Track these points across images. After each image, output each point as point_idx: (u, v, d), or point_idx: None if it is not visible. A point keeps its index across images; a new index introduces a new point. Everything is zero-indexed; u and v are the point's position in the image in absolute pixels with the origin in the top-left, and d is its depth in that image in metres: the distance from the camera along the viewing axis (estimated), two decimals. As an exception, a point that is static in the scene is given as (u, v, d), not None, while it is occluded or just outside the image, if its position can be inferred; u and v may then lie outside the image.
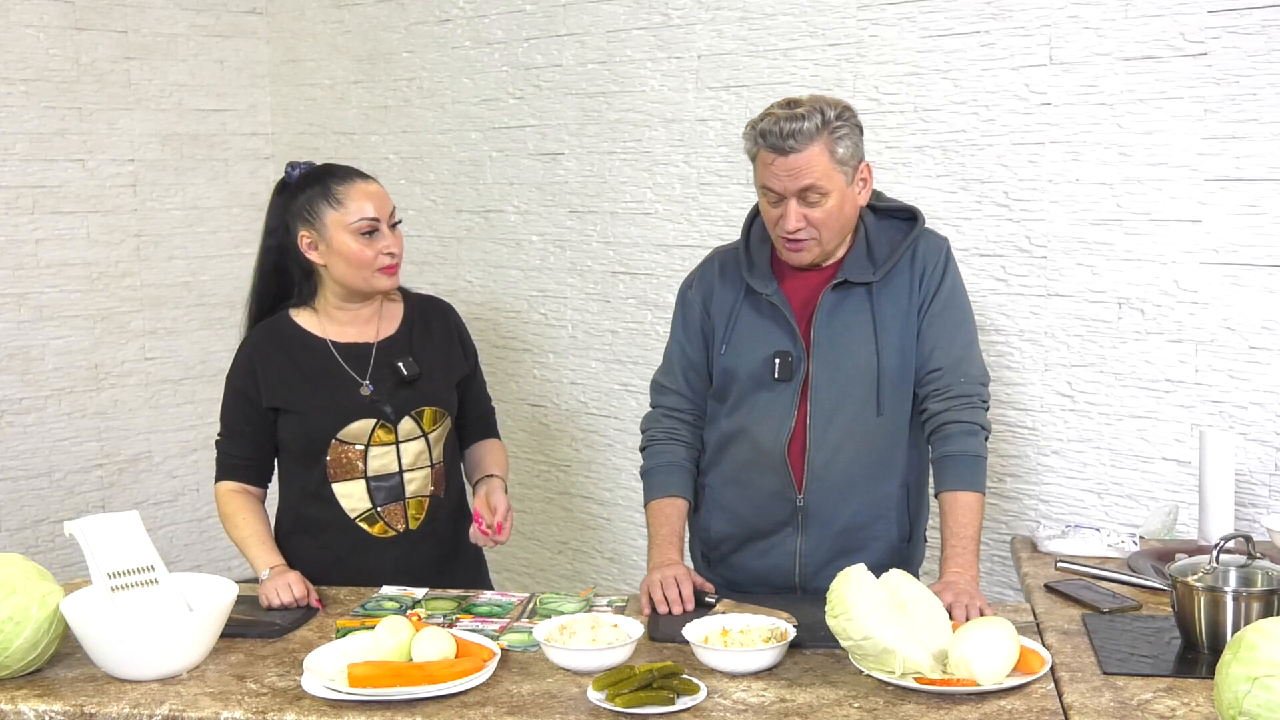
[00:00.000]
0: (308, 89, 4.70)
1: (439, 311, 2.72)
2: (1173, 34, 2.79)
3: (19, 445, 4.32)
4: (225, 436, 2.62)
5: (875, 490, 2.39)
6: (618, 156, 3.82)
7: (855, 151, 2.32)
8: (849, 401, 2.37)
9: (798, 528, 2.39)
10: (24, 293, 4.30)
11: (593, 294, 3.93)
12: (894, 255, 2.39)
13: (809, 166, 2.26)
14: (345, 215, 2.51)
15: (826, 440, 2.37)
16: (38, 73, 4.28)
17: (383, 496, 2.56)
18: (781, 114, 2.28)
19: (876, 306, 2.37)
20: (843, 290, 2.38)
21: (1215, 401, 2.83)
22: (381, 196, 2.56)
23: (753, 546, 2.45)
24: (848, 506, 2.38)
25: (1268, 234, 2.73)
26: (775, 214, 2.33)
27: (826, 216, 2.31)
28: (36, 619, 1.99)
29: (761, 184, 2.33)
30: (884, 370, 2.36)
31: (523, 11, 3.98)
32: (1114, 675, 1.92)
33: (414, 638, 2.01)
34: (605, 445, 3.97)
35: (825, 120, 2.27)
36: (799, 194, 2.28)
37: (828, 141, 2.27)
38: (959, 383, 2.36)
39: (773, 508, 2.41)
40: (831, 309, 2.38)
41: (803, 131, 2.25)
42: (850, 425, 2.37)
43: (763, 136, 2.28)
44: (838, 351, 2.37)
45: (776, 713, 1.84)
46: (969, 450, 2.34)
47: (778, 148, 2.26)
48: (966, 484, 2.33)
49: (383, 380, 2.56)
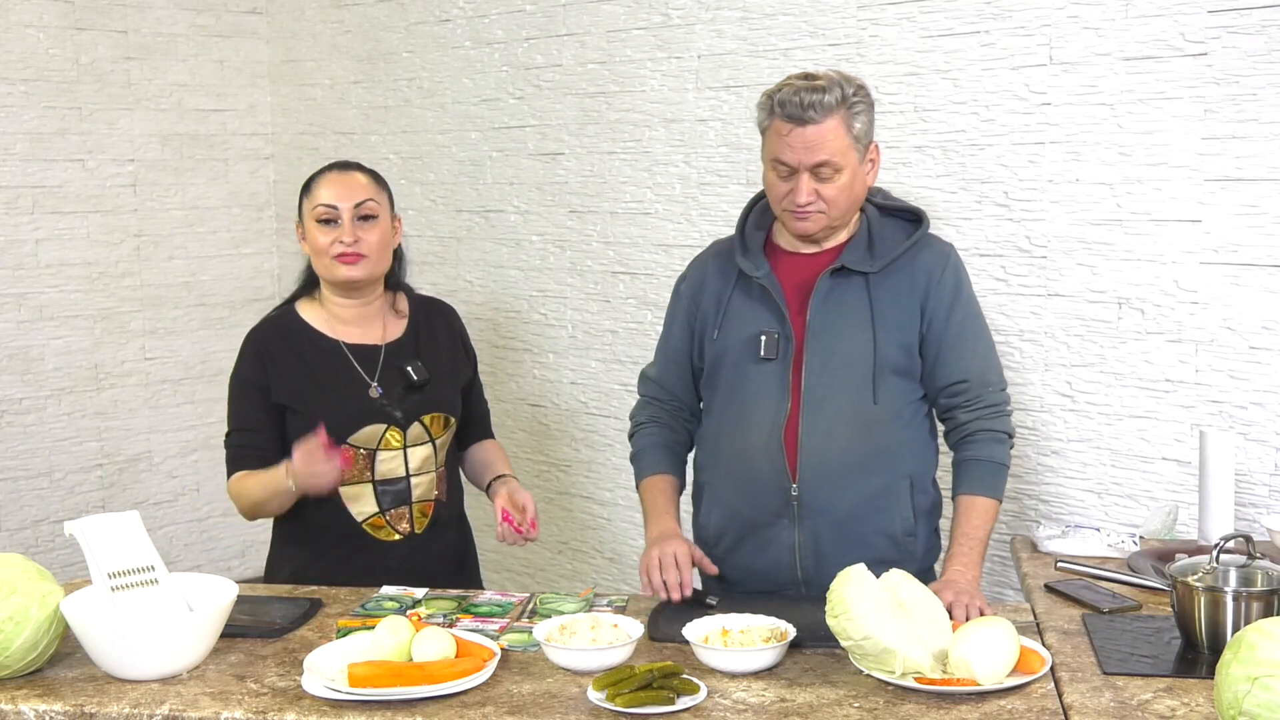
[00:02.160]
0: (308, 89, 4.70)
1: (443, 314, 2.71)
2: (1173, 34, 2.79)
3: (19, 445, 4.33)
4: (236, 430, 2.57)
5: (873, 481, 2.35)
6: (618, 156, 3.82)
7: (869, 130, 2.30)
8: (843, 388, 2.34)
9: (794, 519, 2.35)
10: (24, 293, 4.30)
11: (593, 294, 3.93)
12: (895, 251, 2.37)
13: (825, 140, 2.24)
14: (310, 202, 2.54)
15: (819, 425, 2.33)
16: (38, 73, 4.28)
17: (389, 501, 2.55)
18: (801, 84, 2.25)
19: (874, 297, 2.35)
20: (840, 277, 2.36)
21: (1215, 401, 2.83)
22: (350, 185, 2.53)
23: (750, 542, 2.42)
24: (844, 496, 2.34)
25: (1268, 234, 2.73)
26: (784, 188, 2.30)
27: (838, 193, 2.29)
28: (36, 619, 1.99)
29: (773, 156, 2.29)
30: (880, 358, 2.34)
31: (523, 11, 3.98)
32: (1114, 675, 1.92)
33: (414, 638, 2.01)
34: (605, 445, 3.97)
35: (844, 95, 2.25)
36: (812, 168, 2.26)
37: (845, 116, 2.25)
38: (987, 393, 2.38)
39: (767, 498, 2.37)
40: (827, 293, 2.35)
41: (822, 104, 2.22)
42: (845, 412, 2.34)
43: (780, 106, 2.25)
44: (831, 336, 2.34)
45: (776, 713, 1.84)
46: (994, 457, 2.36)
47: (796, 118, 2.23)
48: (985, 489, 2.35)
49: (391, 384, 2.55)
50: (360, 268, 2.53)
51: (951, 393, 2.38)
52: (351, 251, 2.51)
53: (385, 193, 2.61)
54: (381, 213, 2.56)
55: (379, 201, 2.56)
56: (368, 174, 2.60)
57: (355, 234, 2.51)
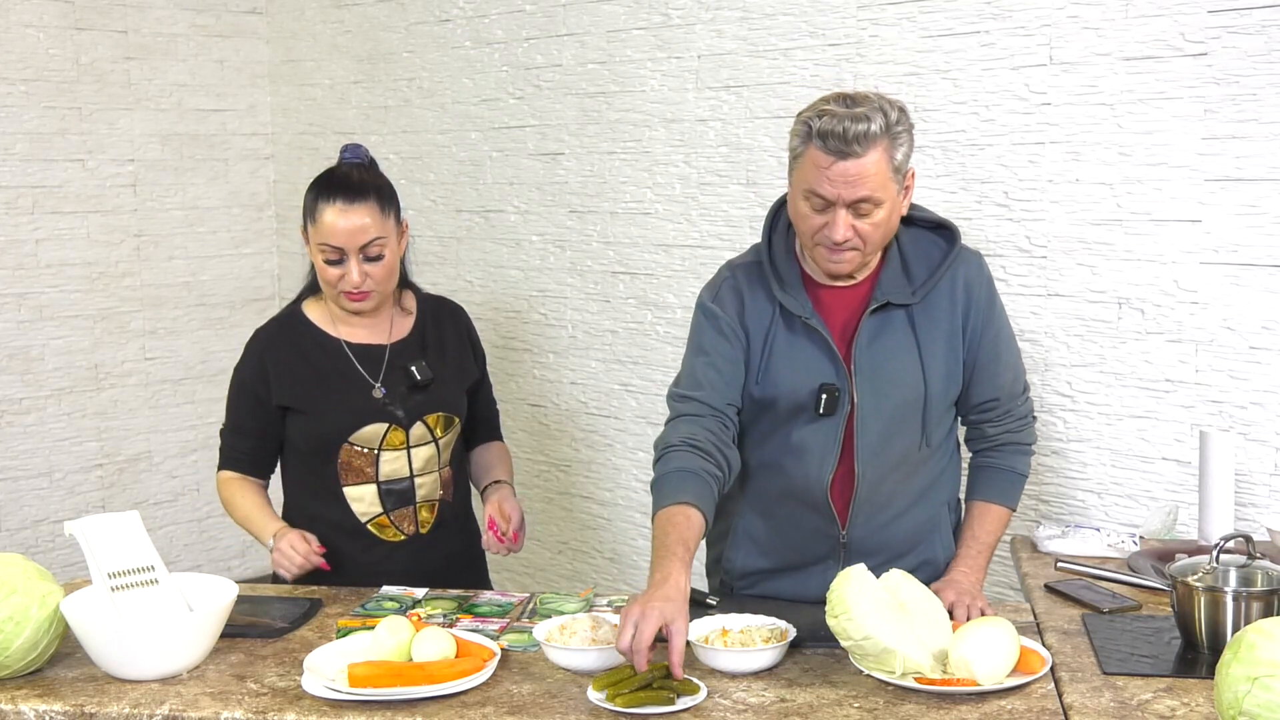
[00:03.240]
0: (308, 89, 4.70)
1: (451, 314, 2.69)
2: (1173, 34, 2.79)
3: (19, 445, 4.33)
4: (229, 429, 2.61)
5: (919, 516, 2.30)
6: (618, 156, 3.82)
7: (909, 157, 2.12)
8: (897, 434, 2.22)
9: (839, 559, 2.26)
10: (24, 293, 4.30)
11: (593, 294, 3.93)
12: (933, 277, 2.22)
13: (868, 175, 2.05)
14: (316, 234, 2.45)
15: (869, 474, 2.22)
16: (38, 73, 4.28)
17: (393, 501, 2.55)
18: (843, 113, 2.04)
19: (919, 330, 2.21)
20: (881, 314, 2.20)
21: (1215, 401, 2.83)
22: (354, 227, 2.41)
23: (789, 577, 2.32)
24: (894, 536, 2.28)
25: (1268, 234, 2.72)
26: (818, 221, 2.11)
27: (874, 229, 2.11)
28: (36, 619, 1.99)
29: (808, 188, 2.09)
30: (931, 398, 2.22)
31: (523, 11, 3.98)
32: (1114, 675, 1.92)
33: (414, 638, 2.01)
34: (605, 445, 3.97)
35: (888, 123, 2.06)
36: (852, 204, 2.07)
37: (889, 147, 2.06)
38: (1015, 406, 2.35)
39: (813, 544, 2.28)
40: (873, 335, 2.20)
41: (867, 135, 2.03)
42: (896, 458, 2.24)
43: (821, 138, 2.04)
44: (882, 381, 2.19)
45: (776, 713, 1.84)
46: (1015, 468, 2.35)
47: (839, 152, 2.03)
48: (1002, 498, 2.34)
49: (395, 383, 2.55)
50: (369, 301, 2.49)
51: (983, 409, 2.33)
52: (359, 291, 2.47)
53: (393, 211, 2.50)
54: (389, 244, 2.47)
55: (385, 235, 2.45)
56: (374, 200, 2.46)
57: (363, 273, 2.44)
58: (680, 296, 3.72)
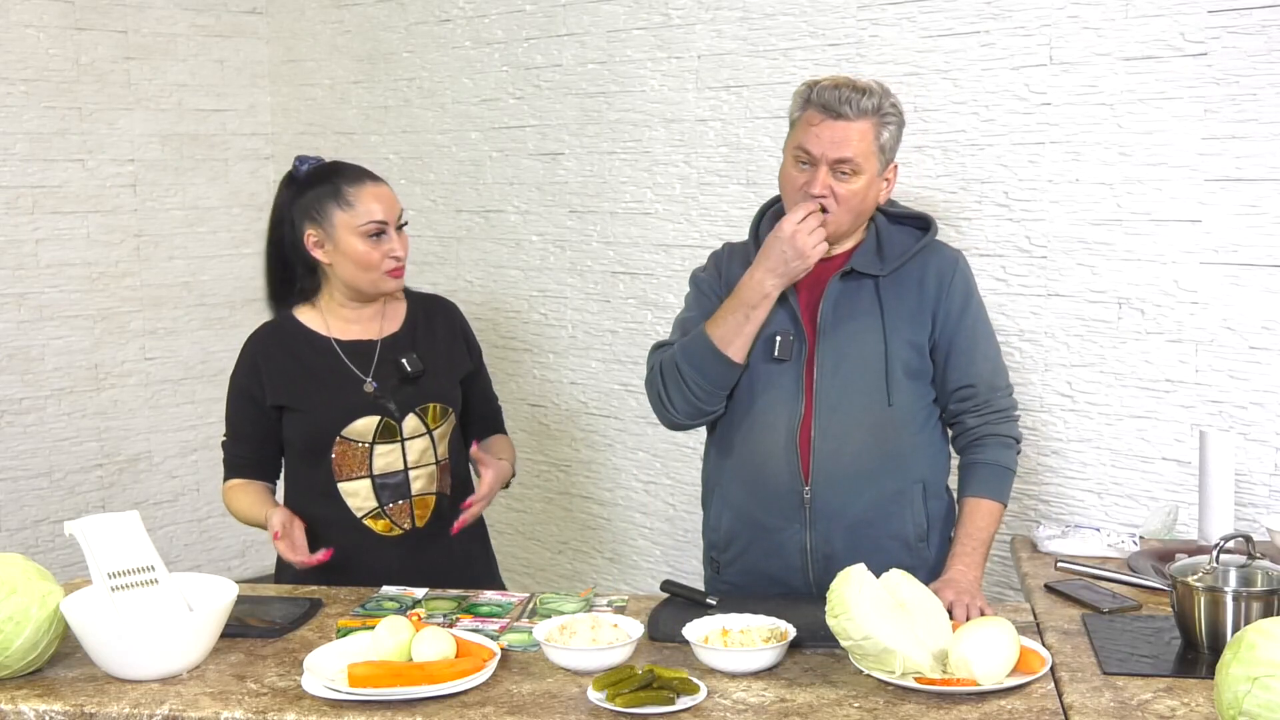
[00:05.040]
0: (308, 89, 4.70)
1: (442, 309, 2.72)
2: (1173, 34, 2.79)
3: (19, 445, 4.33)
4: (230, 437, 2.63)
5: (886, 485, 2.35)
6: (618, 156, 3.82)
7: (894, 146, 2.35)
8: (856, 390, 2.34)
9: (805, 523, 2.34)
10: (24, 293, 4.31)
11: (593, 294, 3.93)
12: (904, 255, 2.38)
13: (852, 138, 2.27)
14: (354, 217, 2.51)
15: (832, 428, 2.33)
16: (38, 73, 4.28)
17: (389, 495, 2.55)
18: (843, 82, 2.31)
19: (884, 300, 2.36)
20: (850, 280, 2.37)
21: (1215, 401, 2.83)
22: (390, 199, 2.56)
23: (761, 545, 2.40)
24: (857, 500, 2.33)
25: (1268, 234, 2.73)
26: (801, 178, 2.32)
27: (850, 195, 2.30)
28: (36, 619, 1.99)
29: (797, 144, 2.32)
30: (892, 357, 2.34)
31: (523, 11, 3.98)
32: (1114, 675, 1.92)
33: (414, 638, 2.01)
34: (605, 445, 3.97)
35: (881, 104, 2.30)
36: (834, 164, 2.28)
37: (877, 123, 2.30)
38: (995, 397, 2.39)
39: (779, 501, 2.36)
40: (838, 296, 2.36)
41: (859, 104, 2.27)
42: (858, 414, 2.34)
43: (817, 95, 2.29)
44: (843, 338, 2.35)
45: (776, 713, 1.84)
46: (1001, 461, 2.38)
47: (830, 108, 2.27)
48: (991, 493, 2.36)
49: (386, 377, 2.56)
50: (404, 276, 2.60)
51: (960, 397, 2.39)
52: (400, 263, 2.56)
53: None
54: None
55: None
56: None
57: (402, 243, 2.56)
58: (680, 296, 3.70)
